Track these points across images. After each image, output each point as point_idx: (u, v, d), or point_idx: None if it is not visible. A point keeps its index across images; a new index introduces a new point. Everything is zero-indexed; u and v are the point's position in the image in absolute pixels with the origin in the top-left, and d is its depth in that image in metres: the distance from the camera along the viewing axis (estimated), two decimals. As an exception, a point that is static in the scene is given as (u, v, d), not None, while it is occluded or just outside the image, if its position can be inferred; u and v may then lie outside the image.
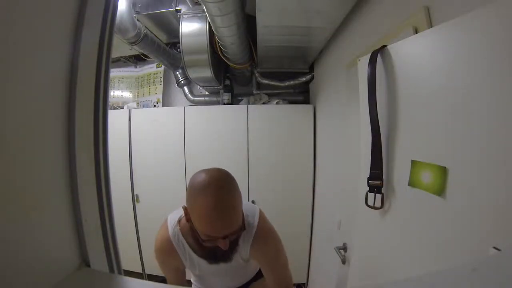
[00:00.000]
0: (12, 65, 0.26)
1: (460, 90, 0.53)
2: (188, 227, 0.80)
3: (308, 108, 2.23)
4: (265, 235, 0.88)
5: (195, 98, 2.66)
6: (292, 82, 2.37)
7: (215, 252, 0.78)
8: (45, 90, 0.30)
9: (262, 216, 0.91)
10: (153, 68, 2.81)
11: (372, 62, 0.78)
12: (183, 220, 0.86)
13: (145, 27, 1.93)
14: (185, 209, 0.77)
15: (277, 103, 2.38)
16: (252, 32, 1.78)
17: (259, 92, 2.52)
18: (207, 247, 0.76)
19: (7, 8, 0.24)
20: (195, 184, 0.71)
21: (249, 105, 2.29)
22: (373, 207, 0.79)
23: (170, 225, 0.88)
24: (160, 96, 2.73)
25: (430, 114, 0.62)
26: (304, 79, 2.35)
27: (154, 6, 1.94)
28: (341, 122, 1.54)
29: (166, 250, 0.87)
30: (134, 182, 2.34)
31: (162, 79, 2.75)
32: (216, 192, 0.68)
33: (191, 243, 0.84)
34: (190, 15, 1.86)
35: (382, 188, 0.77)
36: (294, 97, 2.50)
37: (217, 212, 0.67)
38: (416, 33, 0.76)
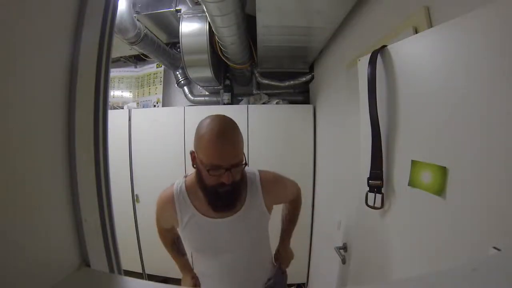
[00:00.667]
0: (12, 65, 0.26)
1: (460, 90, 0.53)
2: (194, 180, 0.86)
3: (308, 108, 2.22)
4: (269, 178, 0.97)
5: (195, 98, 2.66)
6: (292, 82, 2.37)
7: (218, 196, 0.79)
8: (45, 90, 0.30)
9: (260, 169, 1.00)
10: (153, 68, 2.81)
11: (372, 62, 0.78)
12: (189, 176, 0.92)
13: (145, 27, 1.93)
14: (191, 153, 0.82)
15: (277, 103, 2.38)
16: (252, 32, 1.78)
17: (259, 92, 2.52)
18: (211, 188, 0.78)
19: (7, 8, 0.24)
20: (202, 123, 0.79)
21: (249, 105, 2.29)
22: (373, 207, 0.79)
23: (176, 182, 0.92)
24: (160, 96, 2.73)
25: (430, 114, 0.62)
26: (304, 79, 2.35)
27: (154, 6, 1.94)
28: (341, 122, 1.54)
29: (165, 203, 0.89)
30: (134, 182, 2.34)
31: (162, 79, 2.75)
32: (221, 125, 0.76)
33: (194, 195, 0.86)
34: (190, 15, 1.86)
35: (382, 188, 0.77)
36: (294, 97, 2.50)
37: (222, 141, 0.74)
38: (416, 33, 0.76)
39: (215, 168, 0.74)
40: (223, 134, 0.75)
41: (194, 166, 0.83)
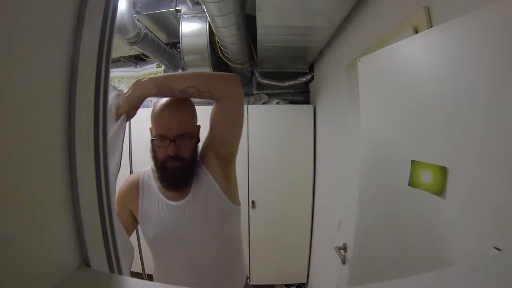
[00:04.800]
0: (12, 66, 0.26)
1: (460, 90, 0.53)
2: None
3: (308, 108, 2.22)
4: (204, 143, 0.87)
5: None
6: (292, 82, 2.37)
7: (167, 172, 0.77)
8: (45, 90, 0.30)
9: None
10: (153, 68, 2.81)
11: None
12: None
13: (145, 27, 1.93)
14: (150, 130, 0.81)
15: (277, 103, 2.38)
16: (252, 32, 1.78)
17: (259, 92, 2.52)
18: (160, 162, 0.77)
19: (6, 8, 0.24)
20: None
21: (249, 105, 2.29)
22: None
23: (144, 168, 0.90)
24: (160, 96, 2.73)
25: (430, 114, 0.62)
26: (304, 79, 2.35)
27: (154, 6, 1.94)
28: (341, 122, 1.54)
29: (129, 183, 0.86)
30: (134, 182, 2.34)
31: (162, 79, 2.75)
32: (172, 99, 0.77)
33: (157, 176, 0.82)
34: (190, 15, 1.86)
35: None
36: (294, 97, 2.50)
37: (168, 111, 0.75)
38: (416, 33, 0.76)
39: (161, 138, 0.74)
40: (170, 105, 0.75)
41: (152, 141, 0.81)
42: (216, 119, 0.78)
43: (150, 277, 2.49)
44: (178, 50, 2.31)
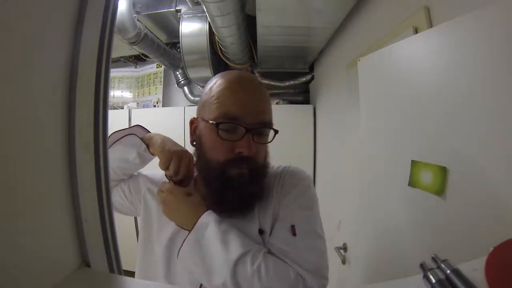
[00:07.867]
0: (12, 66, 0.26)
1: (460, 90, 0.53)
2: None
3: (308, 108, 2.22)
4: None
5: (195, 98, 2.66)
6: (292, 82, 2.37)
7: (230, 185, 0.50)
8: (45, 90, 0.30)
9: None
10: (153, 68, 2.81)
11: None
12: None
13: (145, 27, 1.93)
14: (192, 122, 0.58)
15: (277, 103, 2.38)
16: (252, 32, 1.78)
17: (259, 92, 2.52)
18: (218, 168, 0.50)
19: (6, 8, 0.24)
20: (213, 79, 0.56)
21: (249, 105, 2.29)
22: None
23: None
24: (160, 96, 2.73)
25: (430, 114, 0.62)
26: (304, 79, 2.35)
27: (154, 6, 1.94)
28: (341, 122, 1.54)
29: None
30: (134, 182, 2.34)
31: (162, 79, 2.75)
32: (242, 74, 0.55)
33: (205, 192, 0.55)
34: (190, 15, 1.86)
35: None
36: (294, 97, 2.50)
37: (244, 87, 0.52)
38: (416, 33, 0.76)
39: (230, 122, 0.48)
40: (246, 81, 0.53)
41: (194, 143, 0.59)
42: None
43: (150, 277, 2.49)
44: (178, 50, 2.31)
